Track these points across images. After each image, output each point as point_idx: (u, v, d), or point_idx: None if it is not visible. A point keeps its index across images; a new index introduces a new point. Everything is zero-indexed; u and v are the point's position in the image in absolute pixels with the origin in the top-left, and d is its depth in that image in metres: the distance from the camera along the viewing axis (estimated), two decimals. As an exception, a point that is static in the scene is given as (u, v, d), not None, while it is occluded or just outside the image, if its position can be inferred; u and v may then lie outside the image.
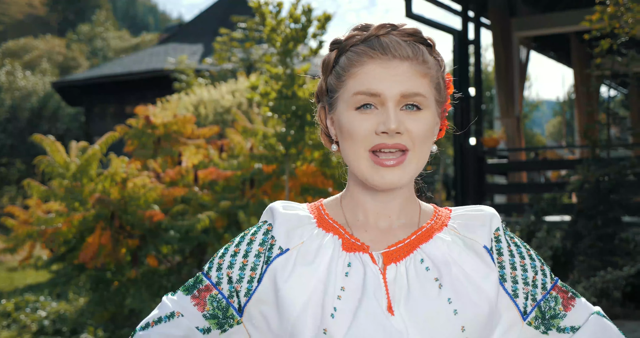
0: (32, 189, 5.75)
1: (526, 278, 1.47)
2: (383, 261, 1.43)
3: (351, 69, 1.45)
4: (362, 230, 1.51)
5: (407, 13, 11.02)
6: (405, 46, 1.44)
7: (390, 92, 1.40)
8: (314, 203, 1.63)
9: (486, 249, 1.47)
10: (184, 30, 25.08)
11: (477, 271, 1.42)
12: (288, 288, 1.43)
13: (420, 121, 1.43)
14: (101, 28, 75.05)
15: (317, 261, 1.44)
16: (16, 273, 14.45)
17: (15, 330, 8.63)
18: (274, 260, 1.47)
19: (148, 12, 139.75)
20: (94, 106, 22.81)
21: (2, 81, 35.61)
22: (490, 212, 1.53)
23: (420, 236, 1.48)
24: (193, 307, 1.50)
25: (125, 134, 7.08)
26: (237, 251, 1.53)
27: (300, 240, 1.49)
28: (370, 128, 1.41)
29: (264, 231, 1.54)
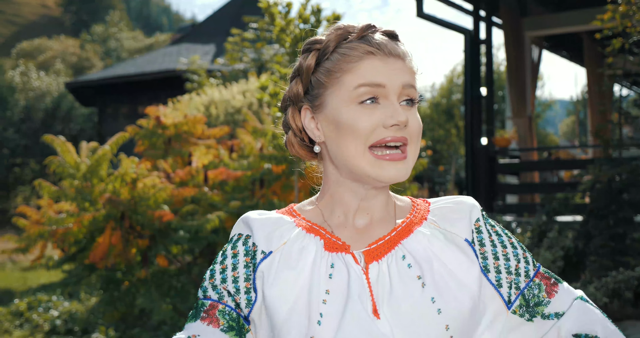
0: (43, 189, 5.79)
1: (509, 267, 1.46)
2: (365, 260, 1.43)
3: (347, 65, 1.45)
4: (341, 228, 1.51)
5: (418, 13, 11.01)
6: (395, 45, 1.47)
7: (393, 83, 1.42)
8: (282, 209, 1.62)
9: (467, 242, 1.47)
10: (196, 30, 25.14)
11: (458, 266, 1.42)
12: (272, 295, 1.42)
13: (415, 116, 1.46)
14: (115, 28, 75.39)
15: (300, 265, 1.43)
16: (30, 272, 14.55)
17: (28, 329, 8.69)
18: (259, 265, 1.47)
19: (162, 12, 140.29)
20: (107, 106, 22.90)
21: (16, 81, 35.85)
22: (469, 203, 1.53)
23: (400, 232, 1.47)
24: (207, 326, 1.46)
25: (135, 134, 7.11)
26: (224, 268, 1.51)
27: (281, 241, 1.48)
28: (377, 121, 1.40)
29: (242, 241, 1.53)
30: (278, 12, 6.06)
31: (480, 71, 11.59)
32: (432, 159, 22.98)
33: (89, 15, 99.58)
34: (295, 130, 1.57)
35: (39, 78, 38.74)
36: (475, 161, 10.95)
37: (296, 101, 1.55)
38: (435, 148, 25.24)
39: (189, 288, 6.45)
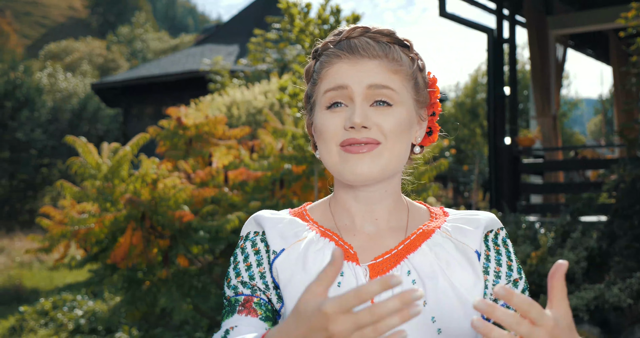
0: (65, 190, 5.84)
1: (496, 285, 1.40)
2: (369, 274, 1.41)
3: (322, 71, 1.47)
4: (350, 234, 1.51)
5: (440, 12, 10.97)
6: (375, 46, 1.45)
7: (357, 85, 1.41)
8: (297, 208, 1.63)
9: (477, 254, 1.45)
10: (220, 31, 25.24)
11: (464, 282, 1.40)
12: (287, 295, 1.42)
13: (390, 116, 1.42)
14: (140, 30, 75.92)
15: (315, 268, 1.42)
16: (56, 272, 14.70)
17: (53, 328, 8.79)
18: (273, 264, 1.47)
19: (187, 13, 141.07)
20: (132, 107, 23.08)
21: (43, 83, 36.28)
22: (487, 217, 1.51)
23: (408, 245, 1.45)
24: (245, 317, 1.45)
25: (157, 135, 7.16)
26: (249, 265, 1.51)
27: (295, 239, 1.48)
28: (339, 123, 1.41)
29: (260, 239, 1.52)
30: (297, 12, 6.07)
31: (504, 70, 11.51)
32: (456, 158, 22.86)
33: (115, 17, 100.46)
34: (310, 136, 1.61)
35: (66, 79, 39.18)
36: (499, 161, 10.88)
37: (305, 108, 1.60)
38: (460, 147, 25.12)
39: (209, 288, 6.47)
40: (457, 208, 12.37)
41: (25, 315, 9.33)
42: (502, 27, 11.53)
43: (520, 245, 8.20)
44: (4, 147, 30.64)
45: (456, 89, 30.85)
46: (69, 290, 11.44)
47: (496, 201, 10.65)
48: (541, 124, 11.74)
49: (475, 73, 28.57)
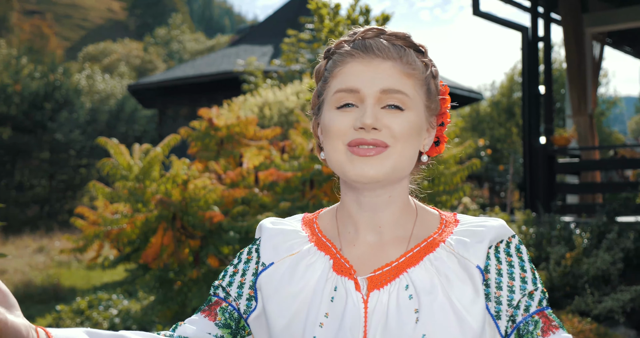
0: (97, 190, 5.91)
1: (511, 300, 1.39)
2: (367, 286, 1.40)
3: (334, 70, 1.46)
4: (350, 244, 1.49)
5: (474, 11, 10.88)
6: (390, 47, 1.43)
7: (369, 89, 1.39)
8: (311, 215, 1.62)
9: (479, 269, 1.40)
10: (255, 31, 25.34)
11: (463, 299, 1.36)
12: (271, 308, 1.44)
13: (402, 120, 1.40)
14: (177, 31, 76.55)
15: (302, 282, 1.43)
16: (93, 271, 14.91)
17: (88, 327, 8.90)
18: (259, 276, 1.49)
19: (224, 14, 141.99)
20: (167, 108, 23.28)
21: (82, 84, 36.76)
22: (495, 226, 1.46)
23: (409, 258, 1.43)
24: (204, 318, 1.51)
25: (188, 136, 7.21)
26: (235, 272, 1.55)
27: (288, 253, 1.49)
28: (348, 123, 1.40)
29: (256, 248, 1.57)
30: (327, 13, 6.07)
31: (539, 69, 11.38)
32: (492, 158, 22.66)
33: (153, 19, 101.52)
34: (315, 138, 1.59)
35: (104, 81, 39.68)
36: (533, 161, 10.76)
37: (314, 110, 1.58)
38: (496, 147, 24.90)
39: (240, 288, 6.50)
40: (492, 208, 12.25)
41: (61, 314, 9.45)
42: (537, 26, 11.40)
43: (555, 246, 8.10)
44: (43, 148, 31.13)
45: (492, 88, 30.59)
46: (104, 289, 11.58)
47: (531, 202, 10.54)
48: (577, 123, 11.58)
49: (511, 72, 28.30)
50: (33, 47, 49.06)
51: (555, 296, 7.58)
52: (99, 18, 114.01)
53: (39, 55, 37.53)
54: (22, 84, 30.89)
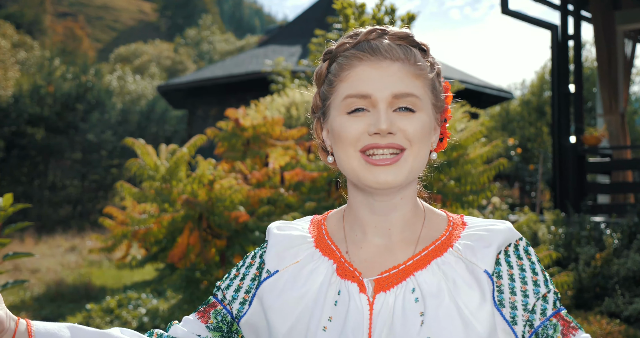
0: (125, 190, 5.97)
1: (526, 305, 1.38)
2: (373, 289, 1.41)
3: (341, 73, 1.44)
4: (357, 247, 1.49)
5: (503, 9, 10.82)
6: (396, 48, 1.42)
7: (381, 93, 1.38)
8: (320, 216, 1.63)
9: (487, 274, 1.39)
10: (283, 31, 25.38)
11: (470, 304, 1.36)
12: (274, 312, 1.45)
13: (414, 121, 1.40)
14: (207, 32, 76.96)
15: (306, 288, 1.44)
16: (124, 270, 15.05)
17: (117, 326, 8.98)
18: (262, 283, 1.50)
19: (254, 14, 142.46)
20: (197, 108, 23.40)
21: (113, 85, 37.12)
22: (503, 230, 1.45)
23: (417, 262, 1.43)
24: (197, 320, 1.54)
25: (215, 136, 7.24)
26: (236, 275, 1.57)
27: (293, 260, 1.50)
28: (362, 129, 1.39)
29: (261, 253, 1.58)
30: (352, 12, 6.06)
31: (569, 68, 11.26)
32: (522, 157, 22.46)
33: (183, 20, 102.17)
34: (319, 140, 1.59)
35: (135, 82, 40.04)
36: (563, 160, 10.66)
37: (316, 111, 1.57)
38: (526, 146, 24.68)
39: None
40: (521, 208, 12.14)
41: (91, 313, 9.56)
42: (567, 24, 11.29)
43: (584, 246, 8.01)
44: (76, 148, 31.53)
45: (522, 87, 30.34)
46: (134, 289, 11.68)
47: (560, 202, 10.43)
48: (608, 122, 11.44)
49: (541, 70, 28.00)
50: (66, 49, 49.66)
51: (584, 297, 7.50)
52: (130, 19, 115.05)
53: (71, 57, 38.00)
54: (55, 86, 31.30)
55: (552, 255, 5.79)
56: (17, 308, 10.91)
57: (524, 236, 8.34)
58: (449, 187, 6.90)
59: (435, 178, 6.80)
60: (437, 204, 6.77)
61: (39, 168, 30.89)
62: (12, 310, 10.81)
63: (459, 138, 6.68)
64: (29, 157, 30.15)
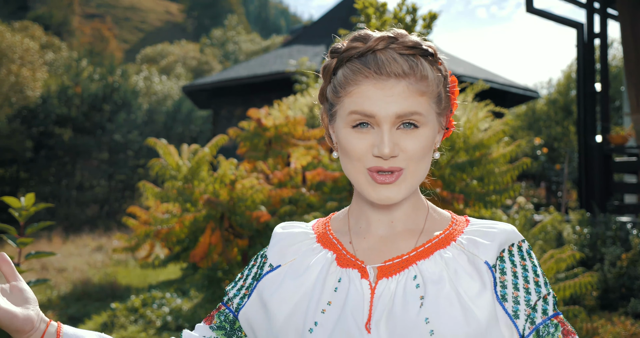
0: (147, 190, 6.00)
1: (529, 301, 1.41)
2: (376, 275, 1.44)
3: (347, 87, 1.44)
4: (361, 237, 1.54)
5: (527, 8, 10.74)
6: (402, 62, 1.41)
7: (384, 113, 1.39)
8: (326, 217, 1.68)
9: (487, 265, 1.43)
10: (307, 31, 25.40)
11: (469, 291, 1.39)
12: (274, 301, 1.49)
13: (417, 139, 1.42)
14: (233, 32, 77.24)
15: (305, 275, 1.49)
16: (150, 270, 15.16)
17: (142, 325, 9.05)
18: (264, 277, 1.55)
19: (280, 14, 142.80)
20: (222, 108, 23.48)
21: (140, 86, 37.36)
22: (507, 230, 1.49)
23: (420, 253, 1.46)
24: (204, 324, 1.63)
25: (237, 136, 7.26)
26: (241, 277, 1.63)
27: (294, 256, 1.55)
28: (366, 148, 1.42)
29: (262, 253, 1.63)
30: (373, 12, 6.04)
31: (595, 66, 11.15)
32: (548, 157, 22.27)
33: (209, 20, 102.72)
34: (325, 128, 1.62)
35: (161, 82, 40.29)
36: (589, 159, 10.55)
37: (321, 102, 1.60)
38: (553, 145, 24.47)
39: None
40: (547, 208, 12.04)
41: (116, 312, 9.63)
42: (593, 22, 11.18)
43: (609, 246, 7.93)
44: (103, 149, 31.83)
45: (548, 86, 30.09)
46: (159, 288, 11.75)
47: (586, 201, 10.33)
48: (635, 121, 11.29)
49: (568, 69, 27.76)
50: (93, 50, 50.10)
51: (609, 297, 7.42)
52: (157, 20, 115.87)
53: (99, 57, 38.34)
54: (82, 86, 31.61)
55: (575, 255, 5.73)
56: (43, 307, 11.04)
57: (548, 236, 8.29)
58: (472, 187, 6.87)
59: (458, 177, 6.76)
60: (460, 203, 6.75)
61: (67, 168, 31.23)
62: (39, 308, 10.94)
63: (481, 137, 6.64)
64: (56, 157, 30.50)
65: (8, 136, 28.11)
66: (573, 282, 5.66)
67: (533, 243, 6.86)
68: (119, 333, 8.69)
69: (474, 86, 7.61)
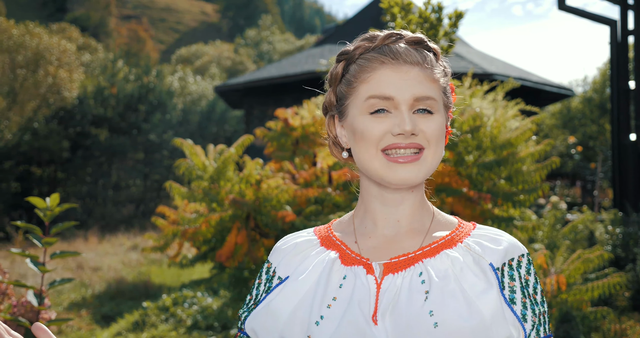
0: (174, 190, 6.06)
1: (534, 310, 1.45)
2: (382, 271, 1.47)
3: (362, 75, 1.51)
4: (366, 237, 1.57)
5: (559, 5, 10.64)
6: (414, 52, 1.50)
7: (403, 96, 1.46)
8: (327, 223, 1.71)
9: (492, 267, 1.46)
10: (339, 31, 25.39)
11: (474, 287, 1.41)
12: (277, 301, 1.52)
13: (433, 122, 1.48)
14: (267, 32, 77.48)
15: (308, 274, 1.52)
16: (184, 269, 15.29)
17: (172, 324, 9.13)
18: (274, 289, 1.56)
19: (314, 14, 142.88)
20: (254, 108, 23.57)
21: (174, 86, 37.66)
22: (514, 244, 1.52)
23: (427, 252, 1.49)
24: None
25: (264, 136, 7.29)
26: (251, 299, 1.63)
27: (299, 263, 1.57)
28: (385, 129, 1.47)
29: (266, 270, 1.65)
30: (398, 11, 6.03)
31: (629, 64, 10.99)
32: (583, 156, 21.98)
33: (244, 20, 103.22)
34: (332, 137, 1.66)
35: (195, 82, 40.57)
36: (622, 158, 10.40)
37: (330, 109, 1.64)
38: (588, 144, 24.14)
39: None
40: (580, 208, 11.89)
41: (147, 311, 9.72)
42: (627, 19, 11.02)
43: (642, 247, 7.81)
44: (138, 149, 32.16)
45: (584, 84, 29.66)
46: (191, 287, 11.84)
47: (619, 201, 10.19)
48: (670, 119, 11.13)
49: (604, 66, 27.34)
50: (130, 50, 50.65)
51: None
52: (192, 21, 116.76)
53: (135, 58, 38.71)
54: (117, 87, 31.97)
55: (604, 255, 5.66)
56: (77, 306, 11.19)
57: (579, 235, 8.20)
58: (500, 186, 6.81)
59: (486, 176, 6.71)
60: (487, 203, 6.69)
61: (103, 168, 31.61)
62: (73, 307, 11.09)
63: (508, 136, 6.58)
64: (93, 157, 30.89)
65: (46, 136, 28.52)
66: (602, 283, 5.60)
67: (561, 242, 6.79)
68: (150, 332, 8.78)
69: (505, 85, 7.55)
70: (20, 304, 3.16)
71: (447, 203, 6.37)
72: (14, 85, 29.22)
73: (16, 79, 29.22)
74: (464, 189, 6.39)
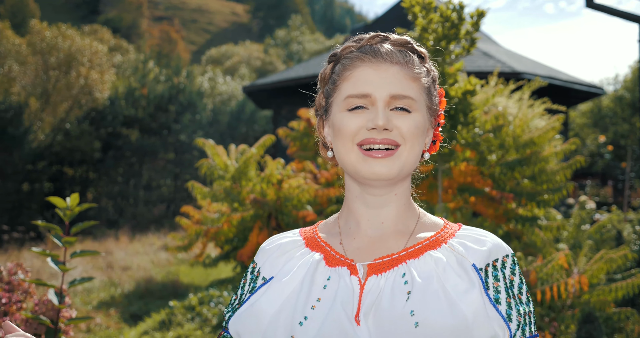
0: (195, 190, 6.11)
1: (519, 310, 1.46)
2: (366, 272, 1.48)
3: (344, 73, 1.55)
4: (351, 238, 1.59)
5: (587, 3, 10.53)
6: (396, 53, 1.53)
7: (380, 93, 1.49)
8: (314, 225, 1.73)
9: (474, 267, 1.47)
10: (367, 30, 25.38)
11: (456, 287, 1.42)
12: (261, 301, 1.53)
13: (409, 120, 1.50)
14: (297, 32, 77.57)
15: (292, 276, 1.53)
16: (212, 269, 15.39)
17: (198, 323, 9.20)
18: (259, 289, 1.59)
19: (345, 13, 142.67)
20: (282, 108, 23.61)
21: (204, 87, 37.86)
22: (498, 244, 1.53)
23: (411, 253, 1.50)
24: None
25: (286, 136, 7.32)
26: (236, 299, 1.66)
27: (284, 264, 1.59)
28: (361, 124, 1.49)
29: (251, 270, 1.67)
30: (419, 10, 6.02)
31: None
32: (615, 155, 21.71)
33: (275, 21, 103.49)
34: (320, 137, 1.70)
35: (225, 83, 40.77)
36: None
37: (319, 110, 1.69)
38: (619, 143, 23.82)
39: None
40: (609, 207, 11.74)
41: (174, 310, 9.81)
42: (656, 15, 10.86)
43: (669, 247, 7.71)
44: (169, 149, 32.38)
45: (615, 82, 29.26)
46: (217, 286, 11.92)
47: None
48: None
49: (636, 65, 26.92)
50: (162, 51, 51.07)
51: (669, 300, 7.22)
52: (223, 21, 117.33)
53: (166, 59, 38.94)
54: (148, 88, 32.24)
55: (627, 255, 5.61)
56: (106, 305, 11.32)
57: (606, 235, 8.10)
58: (523, 186, 6.77)
59: (509, 176, 6.68)
60: (510, 202, 6.65)
61: (134, 168, 31.89)
62: (102, 306, 11.23)
63: (532, 135, 6.54)
64: (124, 157, 31.18)
65: (77, 137, 28.87)
66: (626, 283, 5.54)
67: (586, 243, 6.73)
68: (176, 331, 8.86)
69: (531, 83, 7.50)
70: (42, 302, 3.22)
71: (469, 202, 6.35)
72: (46, 86, 29.62)
73: (49, 81, 29.62)
74: (486, 189, 6.37)
